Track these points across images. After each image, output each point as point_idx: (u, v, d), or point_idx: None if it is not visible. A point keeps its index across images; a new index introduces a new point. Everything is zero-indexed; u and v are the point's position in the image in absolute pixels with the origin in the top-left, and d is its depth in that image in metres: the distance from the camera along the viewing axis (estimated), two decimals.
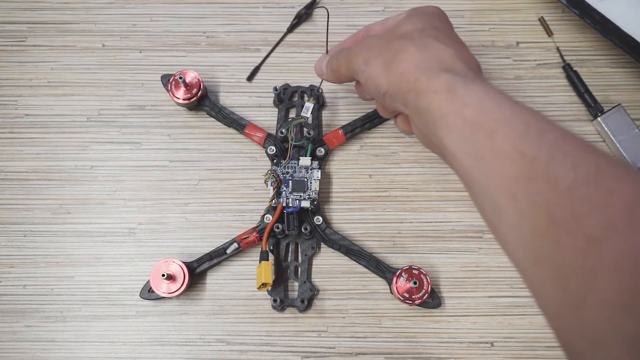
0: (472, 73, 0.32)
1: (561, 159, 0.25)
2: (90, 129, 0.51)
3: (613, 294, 0.22)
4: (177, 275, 0.46)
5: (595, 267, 0.23)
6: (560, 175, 0.25)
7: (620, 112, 0.49)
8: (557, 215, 0.25)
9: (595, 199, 0.24)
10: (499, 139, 0.28)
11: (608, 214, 0.23)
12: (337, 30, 0.53)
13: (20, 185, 0.50)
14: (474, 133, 0.29)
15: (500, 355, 0.47)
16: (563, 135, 0.27)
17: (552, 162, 0.25)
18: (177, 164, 0.50)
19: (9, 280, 0.48)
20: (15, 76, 0.52)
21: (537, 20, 0.53)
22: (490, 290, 0.48)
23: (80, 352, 0.47)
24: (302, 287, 0.47)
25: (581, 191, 0.24)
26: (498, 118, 0.28)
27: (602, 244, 0.23)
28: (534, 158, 0.26)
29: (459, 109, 0.29)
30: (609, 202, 0.23)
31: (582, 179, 0.24)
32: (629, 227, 0.22)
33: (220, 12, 0.53)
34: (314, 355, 0.47)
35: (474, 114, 0.29)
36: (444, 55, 0.33)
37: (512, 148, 0.27)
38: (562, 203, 0.24)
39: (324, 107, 0.51)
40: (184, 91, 0.48)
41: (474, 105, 0.29)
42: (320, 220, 0.48)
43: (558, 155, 0.26)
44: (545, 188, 0.25)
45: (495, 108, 0.29)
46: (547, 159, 0.26)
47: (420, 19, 0.36)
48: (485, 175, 0.28)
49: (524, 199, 0.26)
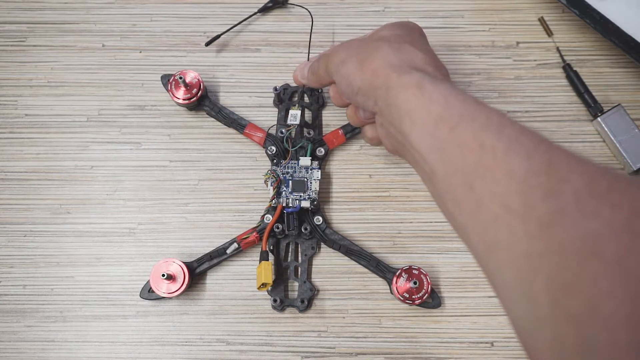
0: (441, 76, 0.34)
1: (518, 149, 0.27)
2: (90, 129, 0.51)
3: (559, 275, 0.23)
4: (177, 275, 0.46)
5: (544, 250, 0.24)
6: (516, 166, 0.26)
7: (620, 112, 0.49)
8: (512, 203, 0.26)
9: (547, 187, 0.25)
10: (460, 131, 0.29)
11: (559, 201, 0.24)
12: (337, 30, 0.53)
13: (20, 185, 0.50)
14: (437, 127, 0.30)
15: (500, 355, 0.47)
16: (521, 130, 0.28)
17: (509, 152, 0.27)
18: (177, 164, 0.50)
19: (9, 280, 0.48)
20: (15, 76, 0.52)
21: (537, 20, 0.53)
22: (490, 290, 0.47)
23: (80, 352, 0.47)
24: (302, 287, 0.47)
25: (535, 180, 0.25)
26: (461, 113, 0.30)
27: (552, 228, 0.24)
28: (493, 148, 0.27)
29: (426, 104, 0.31)
30: (560, 190, 0.24)
31: (536, 169, 0.26)
32: (577, 213, 0.23)
33: (220, 12, 0.53)
34: (314, 355, 0.47)
35: (439, 109, 0.30)
36: (416, 58, 0.34)
37: (473, 139, 0.28)
38: (517, 191, 0.26)
39: (324, 107, 0.51)
40: (184, 91, 0.48)
41: (439, 102, 0.30)
42: (320, 220, 0.48)
43: (515, 147, 0.27)
44: (502, 177, 0.26)
45: (459, 104, 0.30)
46: (505, 149, 0.27)
47: (398, 27, 0.39)
48: (446, 168, 0.30)
49: (481, 188, 0.27)
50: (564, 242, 0.23)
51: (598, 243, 0.22)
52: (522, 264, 0.25)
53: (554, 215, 0.24)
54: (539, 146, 0.27)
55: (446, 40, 0.52)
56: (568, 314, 0.23)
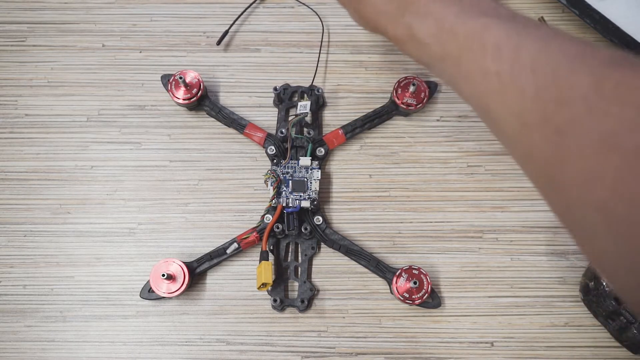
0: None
1: (521, 69, 0.28)
2: (90, 129, 0.51)
3: (582, 172, 0.25)
4: (177, 275, 0.46)
5: (565, 156, 0.26)
6: (524, 84, 0.27)
7: None
8: (529, 119, 0.27)
9: (558, 97, 0.26)
10: (465, 63, 0.31)
11: (570, 109, 0.25)
12: (337, 30, 0.53)
13: (20, 185, 0.50)
14: (447, 41, 0.32)
15: (500, 355, 0.47)
16: (521, 42, 0.29)
17: (514, 74, 0.28)
18: (177, 164, 0.50)
19: (9, 280, 0.48)
20: (15, 76, 0.52)
21: (537, 20, 0.53)
22: (490, 290, 0.48)
23: (80, 352, 0.47)
24: (302, 287, 0.47)
25: (546, 94, 0.26)
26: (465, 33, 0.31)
27: (569, 135, 0.25)
28: (498, 73, 0.29)
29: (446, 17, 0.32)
30: (569, 98, 0.25)
31: (543, 83, 0.27)
32: (589, 117, 0.24)
33: (220, 12, 0.53)
34: (314, 355, 0.47)
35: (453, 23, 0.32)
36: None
37: (477, 69, 0.30)
38: (532, 108, 0.27)
39: (324, 107, 0.51)
40: (184, 91, 0.48)
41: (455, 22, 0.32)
42: (320, 220, 0.48)
43: (517, 67, 0.28)
44: (514, 98, 0.28)
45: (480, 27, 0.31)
46: (509, 72, 0.28)
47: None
48: (458, 85, 0.32)
49: (498, 110, 0.29)
50: (583, 145, 0.24)
51: (614, 140, 0.23)
52: (547, 170, 0.27)
53: (569, 123, 0.25)
54: (541, 55, 0.28)
55: None
56: (596, 200, 0.24)
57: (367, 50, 0.52)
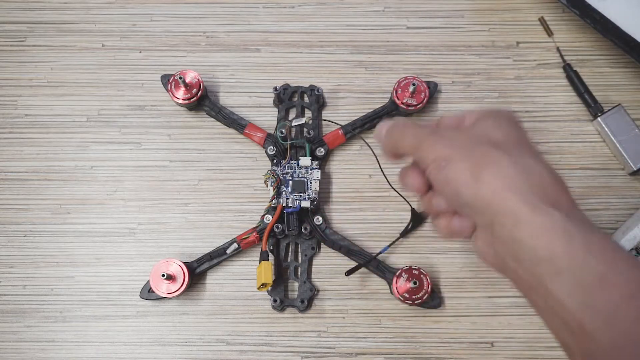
0: (580, 214, 0.30)
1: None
2: (90, 129, 0.51)
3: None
4: (177, 276, 0.46)
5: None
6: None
7: (620, 112, 0.49)
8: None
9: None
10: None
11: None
12: (337, 30, 0.53)
13: (20, 185, 0.50)
14: (603, 289, 0.27)
15: (500, 355, 0.47)
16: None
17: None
18: (177, 164, 0.50)
19: (9, 280, 0.48)
20: (15, 76, 0.52)
21: (537, 20, 0.53)
22: (490, 290, 0.48)
23: (80, 352, 0.47)
24: (302, 287, 0.47)
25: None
26: (637, 280, 0.27)
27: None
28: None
29: (581, 256, 0.27)
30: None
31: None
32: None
33: (220, 12, 0.53)
34: (314, 355, 0.47)
35: (603, 267, 0.27)
36: (545, 183, 0.30)
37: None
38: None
39: (324, 107, 0.51)
40: (184, 91, 0.48)
41: (601, 258, 0.27)
42: (320, 220, 0.48)
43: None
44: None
45: (628, 267, 0.27)
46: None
47: (509, 126, 0.33)
48: (616, 339, 0.27)
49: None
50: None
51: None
52: None
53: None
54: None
55: (446, 40, 0.52)
56: None
57: (367, 50, 0.52)
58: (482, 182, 0.30)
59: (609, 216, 0.49)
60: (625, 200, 0.49)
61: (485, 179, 0.30)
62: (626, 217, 0.49)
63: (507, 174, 0.30)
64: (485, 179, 0.30)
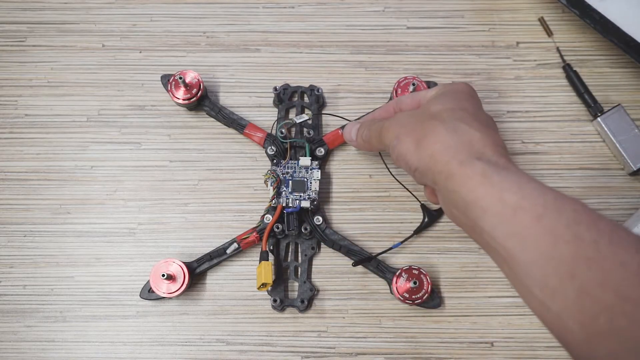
0: (503, 159, 0.34)
1: (623, 245, 0.28)
2: (90, 129, 0.51)
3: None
4: (177, 276, 0.46)
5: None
6: (627, 259, 0.28)
7: (620, 112, 0.49)
8: (628, 292, 0.27)
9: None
10: (549, 221, 0.30)
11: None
12: (337, 30, 0.53)
13: (20, 185, 0.50)
14: (516, 215, 0.31)
15: (500, 355, 0.47)
16: (613, 225, 0.30)
17: (614, 247, 0.28)
18: (177, 164, 0.50)
19: (9, 280, 0.48)
20: (15, 76, 0.52)
21: (537, 20, 0.53)
22: (490, 290, 0.48)
23: (80, 352, 0.47)
24: (302, 287, 0.47)
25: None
26: (543, 203, 0.30)
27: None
28: (595, 242, 0.29)
29: (496, 193, 0.32)
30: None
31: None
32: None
33: (220, 12, 0.53)
34: (314, 355, 0.47)
35: (515, 197, 0.31)
36: (473, 139, 0.35)
37: (566, 230, 0.29)
38: (633, 282, 0.27)
39: (324, 107, 0.51)
40: (184, 91, 0.48)
41: (512, 190, 0.31)
42: (320, 220, 0.48)
43: (618, 241, 0.29)
44: (613, 268, 0.28)
45: (537, 194, 0.31)
46: (608, 243, 0.28)
47: (450, 98, 0.38)
48: (530, 255, 0.30)
49: (586, 278, 0.28)
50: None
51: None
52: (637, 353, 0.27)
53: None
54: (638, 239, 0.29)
55: (446, 40, 0.52)
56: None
57: (367, 50, 0.52)
58: (422, 149, 0.36)
59: (609, 216, 0.49)
60: (625, 200, 0.49)
61: (425, 146, 0.36)
62: (626, 217, 0.49)
63: (442, 139, 0.35)
64: (424, 146, 0.36)
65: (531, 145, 0.50)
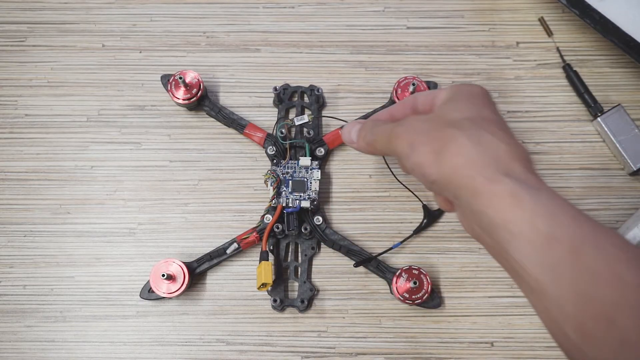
0: (533, 177, 0.31)
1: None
2: (90, 129, 0.51)
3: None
4: (177, 276, 0.46)
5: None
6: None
7: (620, 112, 0.49)
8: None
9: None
10: (586, 257, 0.28)
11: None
12: (337, 30, 0.53)
13: (20, 185, 0.50)
14: (550, 246, 0.28)
15: (500, 355, 0.47)
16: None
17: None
18: (177, 164, 0.50)
19: (9, 280, 0.48)
20: (15, 76, 0.52)
21: (537, 20, 0.53)
22: (490, 290, 0.48)
23: (80, 352, 0.47)
24: (302, 287, 0.47)
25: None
26: (581, 235, 0.28)
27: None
28: (639, 286, 0.27)
29: (528, 218, 0.29)
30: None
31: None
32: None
33: (220, 12, 0.53)
34: (314, 355, 0.47)
35: (549, 225, 0.28)
36: (499, 152, 0.31)
37: (606, 269, 0.27)
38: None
39: (324, 107, 0.51)
40: (184, 91, 0.48)
41: (547, 216, 0.29)
42: (320, 220, 0.48)
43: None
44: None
45: (573, 223, 0.29)
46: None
47: (466, 103, 0.35)
48: (566, 293, 0.28)
49: (629, 326, 0.26)
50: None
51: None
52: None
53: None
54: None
55: (446, 40, 0.52)
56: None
57: (367, 50, 0.52)
58: (443, 161, 0.32)
59: (609, 216, 0.49)
60: (625, 200, 0.49)
61: (445, 158, 0.32)
62: (626, 217, 0.49)
63: (464, 151, 0.31)
64: (445, 158, 0.32)
65: (531, 145, 0.50)
